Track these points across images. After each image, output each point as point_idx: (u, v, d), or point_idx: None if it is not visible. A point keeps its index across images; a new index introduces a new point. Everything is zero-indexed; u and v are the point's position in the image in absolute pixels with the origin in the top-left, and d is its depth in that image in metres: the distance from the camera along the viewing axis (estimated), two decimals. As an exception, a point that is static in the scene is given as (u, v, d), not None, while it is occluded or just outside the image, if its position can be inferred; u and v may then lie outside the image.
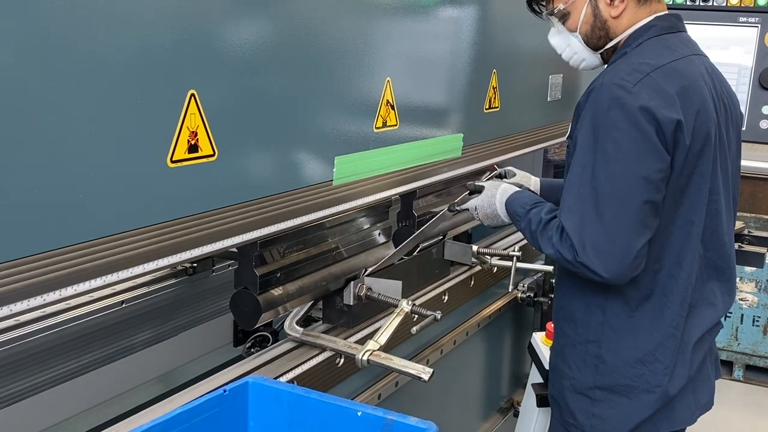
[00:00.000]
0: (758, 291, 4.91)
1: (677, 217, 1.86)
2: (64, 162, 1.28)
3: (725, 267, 2.01)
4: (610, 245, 1.77)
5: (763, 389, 4.87)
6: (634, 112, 1.75)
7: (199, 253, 1.58)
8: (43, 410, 1.98)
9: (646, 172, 1.75)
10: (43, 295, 1.29)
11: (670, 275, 1.88)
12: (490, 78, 2.64)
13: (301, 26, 1.76)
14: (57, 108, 1.25)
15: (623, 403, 1.94)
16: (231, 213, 1.63)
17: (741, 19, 3.55)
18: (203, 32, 1.50)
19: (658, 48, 1.90)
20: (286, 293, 1.95)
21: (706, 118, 1.84)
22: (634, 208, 1.76)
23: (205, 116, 1.51)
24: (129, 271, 1.43)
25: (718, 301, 2.01)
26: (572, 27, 2.02)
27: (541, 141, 3.14)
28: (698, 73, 1.88)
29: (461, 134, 2.51)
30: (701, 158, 1.84)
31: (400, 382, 2.28)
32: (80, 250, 1.33)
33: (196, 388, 1.79)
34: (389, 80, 2.09)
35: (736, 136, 2.02)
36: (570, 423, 2.03)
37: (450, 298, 2.60)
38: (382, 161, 2.12)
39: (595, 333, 1.95)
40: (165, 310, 2.29)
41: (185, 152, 1.49)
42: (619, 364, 1.93)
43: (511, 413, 3.21)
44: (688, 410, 1.99)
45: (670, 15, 1.99)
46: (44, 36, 1.22)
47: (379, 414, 1.46)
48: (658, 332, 1.90)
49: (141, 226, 1.43)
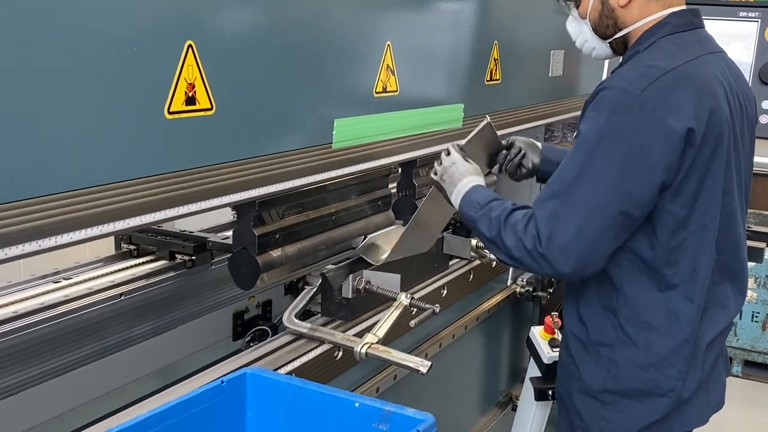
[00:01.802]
0: (757, 287, 4.91)
1: (691, 223, 1.82)
2: (59, 106, 1.28)
3: (738, 268, 1.99)
4: (575, 244, 1.75)
5: (762, 385, 4.88)
6: (636, 123, 1.72)
7: (196, 209, 1.58)
8: (40, 403, 1.97)
9: (631, 188, 1.73)
10: (38, 240, 1.29)
11: (686, 281, 1.85)
12: (492, 49, 2.64)
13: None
14: (54, 53, 1.25)
15: (634, 406, 1.92)
16: (228, 170, 1.63)
17: (741, 14, 3.55)
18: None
19: (671, 48, 1.85)
20: (285, 255, 1.95)
21: (719, 121, 1.79)
22: (608, 216, 1.74)
23: (202, 68, 1.52)
24: (126, 222, 1.43)
25: (730, 303, 1.98)
26: (583, 13, 2.01)
27: (542, 117, 3.12)
28: (712, 74, 1.83)
29: (462, 105, 2.51)
30: (713, 162, 1.80)
31: (399, 376, 2.29)
32: (76, 197, 1.33)
33: (195, 379, 1.80)
34: (389, 44, 2.09)
35: (750, 134, 1.98)
36: (577, 424, 2.01)
37: (449, 291, 2.60)
38: (381, 126, 2.13)
39: (608, 337, 1.92)
40: (164, 303, 2.29)
41: (182, 104, 1.49)
42: (632, 369, 1.90)
43: (510, 407, 3.21)
44: (699, 410, 1.97)
45: (685, 11, 1.92)
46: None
47: (377, 405, 1.46)
48: (673, 338, 1.87)
49: (137, 176, 1.44)
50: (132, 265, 2.34)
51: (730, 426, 4.34)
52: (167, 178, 1.50)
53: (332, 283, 2.14)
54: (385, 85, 2.11)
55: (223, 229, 2.65)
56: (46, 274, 2.22)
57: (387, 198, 2.40)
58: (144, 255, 2.41)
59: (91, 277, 2.22)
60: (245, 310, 2.60)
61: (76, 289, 2.13)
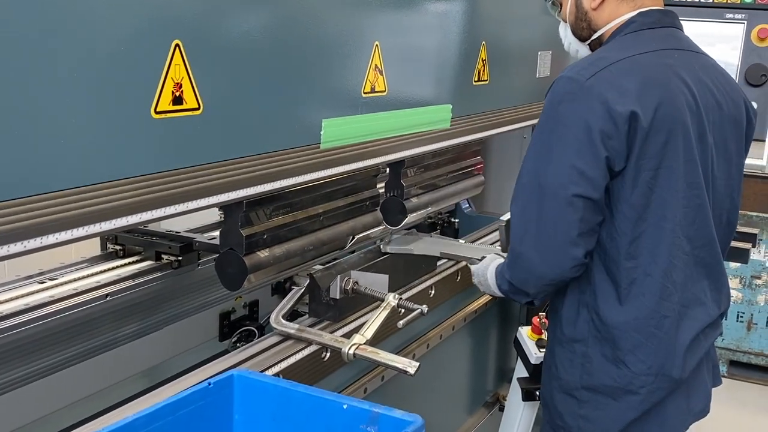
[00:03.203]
0: (742, 287, 4.94)
1: (648, 213, 1.84)
2: (44, 106, 1.27)
3: (714, 263, 1.99)
4: (545, 237, 1.83)
5: (747, 385, 4.90)
6: (582, 107, 1.79)
7: (184, 209, 1.57)
8: (26, 404, 1.96)
9: (584, 168, 1.78)
10: (24, 241, 1.28)
11: (646, 273, 1.87)
12: (480, 50, 2.65)
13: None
14: (39, 52, 1.24)
15: (609, 404, 1.93)
16: (215, 170, 1.63)
17: (727, 15, 3.56)
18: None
19: (628, 43, 1.92)
20: (273, 255, 1.94)
21: (672, 111, 1.82)
22: (568, 200, 1.80)
23: (190, 68, 1.51)
24: (112, 223, 1.42)
25: (707, 299, 1.98)
26: (564, 17, 2.12)
27: (529, 118, 3.13)
28: (668, 66, 1.87)
29: (450, 105, 2.51)
30: (667, 152, 1.82)
31: (386, 377, 2.28)
32: (62, 197, 1.32)
33: (181, 381, 1.78)
34: (378, 44, 2.09)
35: (735, 135, 2.00)
36: (559, 425, 2.02)
37: (437, 292, 2.60)
38: (370, 127, 2.13)
39: (582, 332, 1.94)
40: (150, 303, 2.28)
41: (169, 104, 1.48)
42: (603, 364, 1.92)
43: (497, 407, 3.21)
44: (679, 416, 1.97)
45: (654, 10, 1.97)
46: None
47: (365, 407, 1.45)
48: (637, 332, 1.88)
49: (124, 176, 1.43)
50: (118, 265, 2.33)
51: (715, 426, 4.35)
52: (154, 179, 1.49)
53: (320, 283, 2.13)
54: (374, 85, 2.11)
55: (210, 230, 2.64)
56: (32, 275, 2.20)
57: (375, 198, 2.39)
58: (130, 255, 2.40)
59: (77, 277, 2.21)
60: (232, 310, 2.60)
61: (61, 289, 2.12)
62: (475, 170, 3.06)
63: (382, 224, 2.44)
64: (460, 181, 2.97)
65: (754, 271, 4.90)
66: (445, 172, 2.85)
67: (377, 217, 2.40)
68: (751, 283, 4.93)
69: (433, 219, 3.42)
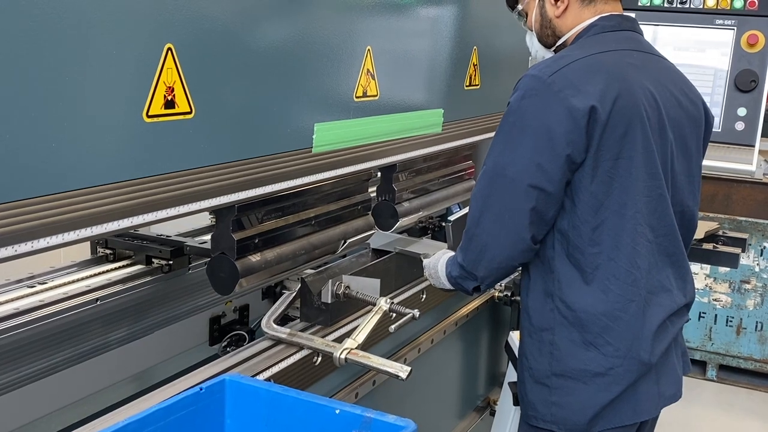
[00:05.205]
0: (732, 291, 4.96)
1: (610, 201, 1.89)
2: (36, 109, 1.26)
3: (677, 252, 2.04)
4: (500, 221, 1.89)
5: (737, 389, 4.92)
6: (542, 103, 1.85)
7: (175, 213, 1.57)
8: (15, 409, 1.95)
9: (542, 162, 1.84)
10: (14, 245, 1.27)
11: (610, 258, 1.91)
12: (471, 55, 2.66)
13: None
14: (30, 55, 1.23)
15: (579, 388, 1.95)
16: (207, 174, 1.62)
17: (717, 21, 3.57)
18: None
19: (589, 44, 1.99)
20: (264, 260, 1.94)
21: (630, 103, 1.88)
22: (524, 189, 1.86)
23: (182, 72, 1.51)
24: (104, 227, 1.42)
25: (672, 287, 2.03)
26: (530, 26, 2.17)
27: None
28: (627, 64, 1.94)
29: (441, 110, 2.52)
30: (626, 143, 1.88)
31: (378, 381, 2.28)
32: (53, 201, 1.31)
33: (173, 386, 1.77)
34: (370, 49, 2.09)
35: (695, 134, 2.07)
36: (531, 416, 2.03)
37: (428, 296, 2.59)
38: (362, 131, 2.13)
39: (548, 321, 1.97)
40: (140, 308, 2.27)
41: (162, 107, 1.48)
42: (571, 349, 1.95)
43: (488, 412, 3.21)
44: (651, 401, 1.99)
45: (615, 15, 2.04)
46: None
47: (358, 412, 1.45)
48: (605, 315, 1.92)
49: (116, 180, 1.42)
50: (108, 269, 2.32)
51: (705, 430, 4.37)
52: (146, 182, 1.48)
53: (311, 287, 2.13)
54: (366, 89, 2.11)
55: (201, 234, 2.63)
56: (21, 279, 2.19)
57: (366, 202, 2.39)
58: (120, 259, 2.39)
59: (67, 281, 2.20)
60: (222, 314, 2.59)
61: (51, 293, 2.11)
62: (467, 174, 3.07)
63: (373, 228, 2.44)
64: (452, 186, 2.97)
65: (743, 276, 4.93)
66: (437, 176, 2.86)
67: (369, 222, 2.40)
68: (741, 288, 4.95)
69: (424, 223, 3.42)
